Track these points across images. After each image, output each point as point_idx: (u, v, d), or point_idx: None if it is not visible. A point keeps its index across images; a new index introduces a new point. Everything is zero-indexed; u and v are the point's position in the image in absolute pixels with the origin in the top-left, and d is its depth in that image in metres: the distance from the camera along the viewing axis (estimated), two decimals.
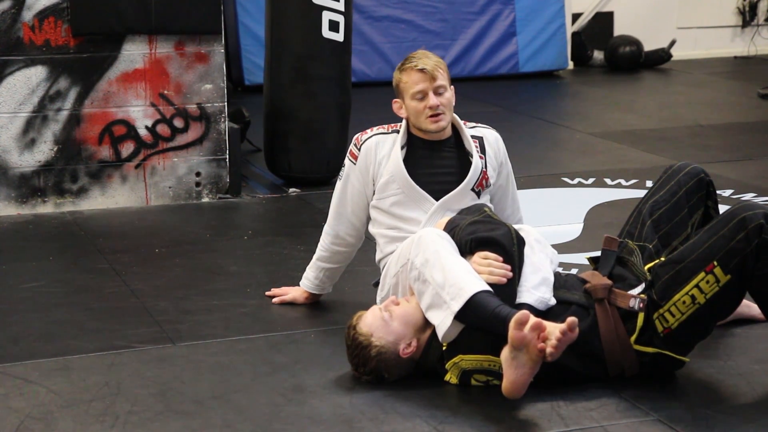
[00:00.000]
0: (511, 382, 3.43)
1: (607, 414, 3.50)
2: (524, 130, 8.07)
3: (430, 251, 3.64)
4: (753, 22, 11.56)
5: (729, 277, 3.50)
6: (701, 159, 7.02)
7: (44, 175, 5.93)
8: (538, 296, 3.64)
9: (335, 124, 6.37)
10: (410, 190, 4.09)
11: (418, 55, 4.11)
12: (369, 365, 3.67)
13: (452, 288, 3.55)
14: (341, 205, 4.29)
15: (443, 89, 4.07)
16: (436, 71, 4.05)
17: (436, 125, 4.08)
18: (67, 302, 4.59)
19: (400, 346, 3.65)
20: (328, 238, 4.36)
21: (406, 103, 4.11)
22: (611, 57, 10.74)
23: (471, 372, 3.62)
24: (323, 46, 6.23)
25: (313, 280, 4.45)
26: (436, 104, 4.05)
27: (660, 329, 3.59)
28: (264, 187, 6.45)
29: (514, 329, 3.37)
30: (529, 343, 3.37)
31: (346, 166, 4.25)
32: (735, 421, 3.46)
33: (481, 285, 3.56)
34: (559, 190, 6.31)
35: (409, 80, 4.07)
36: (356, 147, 4.22)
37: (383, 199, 4.15)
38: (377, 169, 4.16)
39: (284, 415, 3.54)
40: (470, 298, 3.51)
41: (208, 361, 3.98)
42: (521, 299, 3.63)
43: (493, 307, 3.50)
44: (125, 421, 3.50)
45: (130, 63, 5.98)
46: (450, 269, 3.59)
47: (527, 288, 3.65)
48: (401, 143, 4.13)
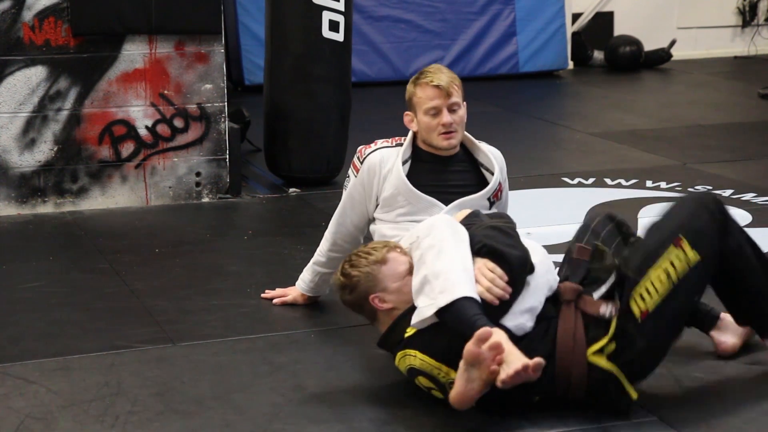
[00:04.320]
0: (458, 393, 3.37)
1: (607, 414, 3.50)
2: (524, 130, 8.06)
3: (438, 238, 3.57)
4: (753, 22, 11.56)
5: (698, 255, 3.46)
6: (701, 159, 7.03)
7: (44, 175, 5.93)
8: (520, 322, 3.52)
9: (335, 124, 6.37)
10: (416, 200, 4.03)
11: (433, 69, 4.06)
12: (353, 269, 3.67)
13: (445, 281, 3.47)
14: (342, 215, 4.28)
15: (457, 106, 4.03)
16: (451, 88, 4.00)
17: (447, 143, 4.04)
18: (67, 302, 4.59)
19: (377, 292, 3.63)
20: (326, 245, 4.36)
21: (419, 117, 4.06)
22: (611, 57, 10.74)
23: (417, 372, 3.54)
24: (323, 46, 6.22)
25: (308, 283, 4.45)
26: (450, 122, 4.00)
27: (638, 314, 3.42)
28: (264, 187, 6.45)
29: (473, 344, 3.29)
30: (482, 361, 3.29)
31: (349, 178, 4.22)
32: (735, 421, 3.46)
33: (472, 291, 3.47)
34: (559, 190, 6.31)
35: (424, 95, 4.02)
36: (359, 160, 4.18)
37: (390, 212, 4.10)
38: (382, 184, 4.11)
39: (284, 415, 3.54)
40: (456, 300, 3.43)
41: (208, 361, 3.98)
42: (502, 320, 3.50)
43: (471, 314, 3.40)
44: (125, 421, 3.50)
45: (130, 63, 5.98)
46: (450, 262, 3.51)
47: (513, 311, 3.53)
48: (404, 157, 4.09)
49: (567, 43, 10.48)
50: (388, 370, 3.82)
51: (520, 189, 4.31)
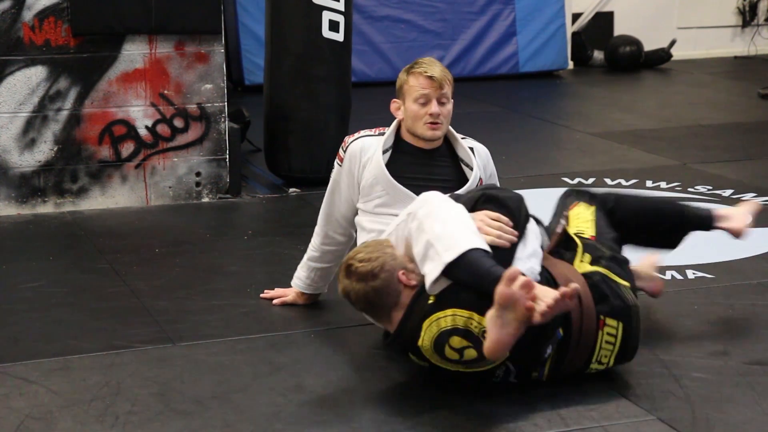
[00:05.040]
0: (494, 341, 3.37)
1: (607, 414, 3.51)
2: (524, 130, 8.06)
3: (435, 205, 3.62)
4: (753, 22, 11.56)
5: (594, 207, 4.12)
6: (701, 159, 7.03)
7: (44, 175, 5.93)
8: (530, 266, 3.64)
9: (335, 124, 6.37)
10: (394, 190, 4.05)
11: (427, 61, 4.10)
12: (374, 254, 3.62)
13: (449, 240, 3.49)
14: (330, 207, 4.29)
15: (446, 100, 4.07)
16: (444, 80, 4.04)
17: (432, 132, 4.07)
18: (67, 302, 4.59)
19: (405, 268, 3.61)
20: (317, 239, 4.37)
21: (407, 105, 4.10)
22: (611, 57, 10.75)
23: (448, 333, 3.49)
24: (323, 46, 6.23)
25: (305, 280, 4.44)
26: (437, 112, 4.04)
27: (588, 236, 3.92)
28: (264, 187, 6.45)
29: (504, 285, 3.33)
30: (517, 301, 3.33)
31: (335, 169, 4.24)
32: (735, 421, 3.46)
33: (480, 242, 3.53)
34: (559, 190, 6.27)
35: (416, 84, 4.05)
36: (343, 150, 4.21)
37: (368, 201, 4.12)
38: (361, 172, 4.13)
39: (284, 415, 3.54)
40: (464, 253, 3.47)
41: (208, 361, 3.98)
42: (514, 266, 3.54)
43: (488, 266, 3.46)
44: (125, 421, 3.50)
45: (130, 63, 5.98)
46: (451, 223, 3.55)
47: (519, 257, 3.65)
48: (385, 146, 4.12)
49: (567, 43, 10.48)
50: (388, 370, 3.82)
51: (520, 189, 4.30)
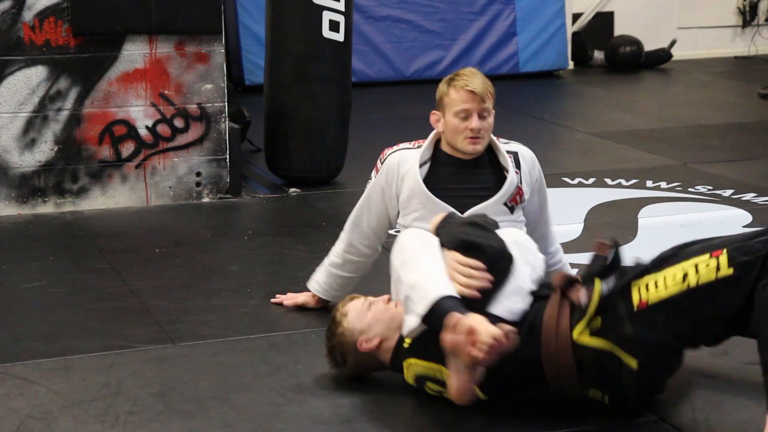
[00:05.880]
0: (454, 389, 3.36)
1: (607, 414, 3.50)
2: (524, 130, 8.05)
3: (409, 252, 3.55)
4: (753, 22, 11.56)
5: (731, 271, 3.15)
6: (701, 159, 7.03)
7: (44, 175, 5.93)
8: (508, 306, 3.44)
9: (335, 124, 6.37)
10: (431, 204, 3.97)
11: (468, 73, 4.01)
12: (331, 341, 3.69)
13: (421, 290, 3.43)
14: (359, 216, 4.23)
15: (487, 113, 3.99)
16: (485, 94, 3.96)
17: (472, 147, 3.99)
18: (67, 302, 4.59)
19: (360, 337, 3.63)
20: (341, 245, 4.29)
21: (447, 118, 4.00)
22: (611, 57, 10.74)
23: (424, 378, 3.53)
24: (323, 46, 6.23)
25: (322, 284, 4.36)
26: (479, 127, 3.96)
27: (636, 301, 3.24)
28: (264, 187, 6.45)
29: (445, 333, 3.27)
30: (459, 348, 3.25)
31: (371, 180, 4.18)
32: (735, 421, 3.46)
33: (449, 289, 3.42)
34: (559, 190, 6.30)
35: (457, 97, 3.96)
36: (380, 161, 4.14)
37: (406, 215, 4.06)
38: (400, 185, 4.06)
39: (284, 415, 3.54)
40: (434, 303, 3.38)
41: (208, 361, 3.98)
42: (489, 309, 3.44)
43: (447, 310, 3.34)
44: (125, 421, 3.50)
45: (130, 63, 5.98)
46: (424, 271, 3.47)
47: (497, 298, 3.45)
48: (423, 159, 4.04)
49: (567, 43, 10.48)
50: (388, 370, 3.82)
51: None
